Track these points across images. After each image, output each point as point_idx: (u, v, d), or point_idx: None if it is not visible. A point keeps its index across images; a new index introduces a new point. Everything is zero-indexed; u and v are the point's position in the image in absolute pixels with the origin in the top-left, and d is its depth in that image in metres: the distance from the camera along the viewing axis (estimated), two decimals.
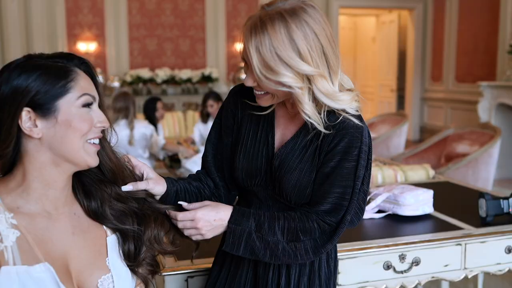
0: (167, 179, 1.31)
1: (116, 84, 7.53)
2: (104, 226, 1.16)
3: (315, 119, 1.21)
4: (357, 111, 1.26)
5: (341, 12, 9.23)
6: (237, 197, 1.47)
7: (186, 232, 1.21)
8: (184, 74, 7.80)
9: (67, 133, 1.04)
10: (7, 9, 7.17)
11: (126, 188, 1.19)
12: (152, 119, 4.86)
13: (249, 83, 1.22)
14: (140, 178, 1.25)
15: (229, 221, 1.22)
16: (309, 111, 1.20)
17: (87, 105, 1.07)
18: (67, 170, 1.08)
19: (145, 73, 7.67)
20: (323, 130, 1.21)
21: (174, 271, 1.55)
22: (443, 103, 8.65)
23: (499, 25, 7.08)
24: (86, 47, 7.70)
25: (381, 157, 3.87)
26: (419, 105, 9.30)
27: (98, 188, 1.15)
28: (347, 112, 1.23)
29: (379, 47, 10.23)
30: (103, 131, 1.13)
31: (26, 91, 1.01)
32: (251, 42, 1.16)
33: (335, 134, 1.22)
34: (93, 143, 1.09)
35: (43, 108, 1.02)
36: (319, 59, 1.17)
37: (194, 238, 1.22)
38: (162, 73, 7.71)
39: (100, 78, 7.00)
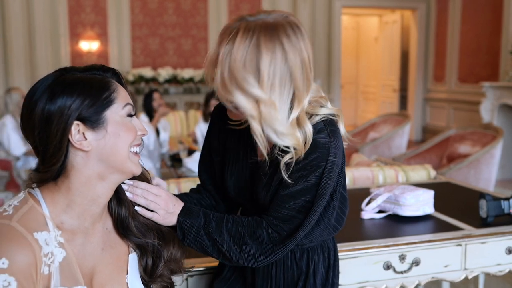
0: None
1: None
2: (128, 242, 1.17)
3: (266, 156, 1.19)
4: (326, 123, 1.21)
5: (344, 11, 9.22)
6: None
7: (143, 202, 1.19)
8: (186, 73, 7.81)
9: (116, 143, 1.05)
10: (10, 8, 7.19)
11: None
12: (150, 111, 4.88)
13: (219, 102, 1.21)
14: None
15: (179, 215, 1.23)
16: (261, 143, 1.16)
17: (131, 115, 1.09)
18: (111, 183, 1.09)
19: (147, 72, 7.68)
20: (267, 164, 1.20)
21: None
22: (446, 104, 8.64)
23: (502, 25, 7.06)
24: (88, 46, 7.71)
25: (383, 157, 3.86)
26: (422, 105, 9.29)
27: (127, 197, 1.18)
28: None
29: (381, 47, 10.22)
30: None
31: (74, 106, 1.01)
32: (216, 51, 1.12)
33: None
34: (136, 152, 1.11)
35: (91, 120, 1.03)
36: (279, 87, 1.11)
37: (148, 214, 1.20)
38: (164, 73, 7.72)
39: None
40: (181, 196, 1.36)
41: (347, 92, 11.43)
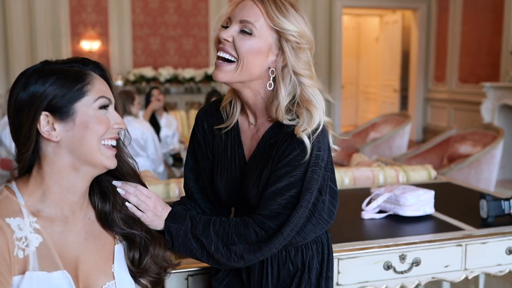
0: None
1: (119, 82, 7.54)
2: (114, 233, 1.18)
3: (283, 104, 1.22)
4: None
5: (345, 12, 9.22)
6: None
7: (135, 200, 1.20)
8: (187, 73, 7.81)
9: (85, 135, 1.05)
10: (11, 7, 7.19)
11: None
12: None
13: (225, 35, 1.22)
14: None
15: (166, 219, 1.24)
16: (283, 93, 1.22)
17: (104, 107, 1.09)
18: (86, 175, 1.09)
19: (148, 72, 7.68)
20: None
21: (174, 269, 1.56)
22: (446, 104, 8.64)
23: (502, 26, 7.06)
24: (89, 45, 7.72)
25: (383, 157, 3.87)
26: (422, 105, 9.29)
27: (113, 192, 1.18)
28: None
29: (382, 47, 10.21)
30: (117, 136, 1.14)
31: (43, 96, 1.03)
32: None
33: (286, 146, 1.21)
34: (110, 145, 1.10)
35: (61, 111, 1.04)
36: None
37: (138, 213, 1.21)
38: (165, 72, 7.72)
39: None
40: None
41: (347, 92, 11.42)
